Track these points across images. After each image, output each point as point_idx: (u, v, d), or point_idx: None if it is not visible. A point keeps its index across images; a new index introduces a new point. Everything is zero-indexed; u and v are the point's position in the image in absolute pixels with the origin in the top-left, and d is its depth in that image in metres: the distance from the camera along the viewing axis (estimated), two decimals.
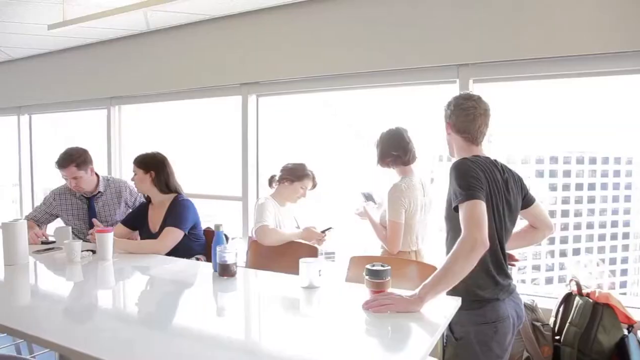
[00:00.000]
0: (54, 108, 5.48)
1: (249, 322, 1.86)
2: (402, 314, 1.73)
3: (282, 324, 1.78)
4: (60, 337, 1.58)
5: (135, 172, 2.98)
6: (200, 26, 4.13)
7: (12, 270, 2.45)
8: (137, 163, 3.00)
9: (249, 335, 1.73)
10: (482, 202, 1.75)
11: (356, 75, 3.48)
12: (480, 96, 2.03)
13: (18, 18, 4.10)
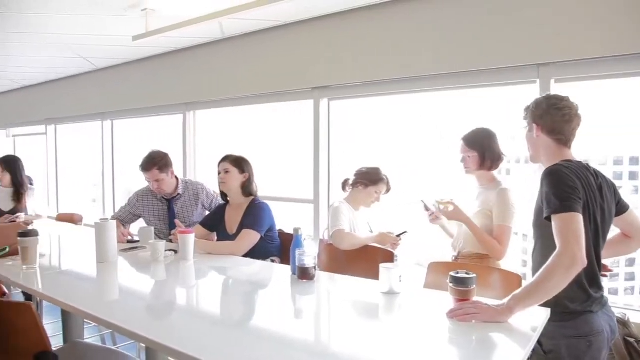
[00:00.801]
0: (134, 114, 5.78)
1: (328, 327, 1.86)
2: (488, 324, 1.67)
3: (362, 330, 1.77)
4: (145, 330, 1.67)
5: (229, 170, 3.01)
6: (273, 32, 4.21)
7: (103, 267, 2.60)
8: (234, 162, 3.04)
9: (328, 340, 1.73)
10: (579, 214, 1.67)
11: (429, 78, 3.41)
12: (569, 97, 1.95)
13: (104, 31, 4.36)
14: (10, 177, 4.21)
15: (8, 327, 1.81)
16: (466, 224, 2.62)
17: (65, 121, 6.99)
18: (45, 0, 3.61)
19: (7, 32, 4.47)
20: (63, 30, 4.38)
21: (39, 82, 7.14)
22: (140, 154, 3.45)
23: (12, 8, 3.78)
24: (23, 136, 8.19)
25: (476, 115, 3.64)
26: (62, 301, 2.04)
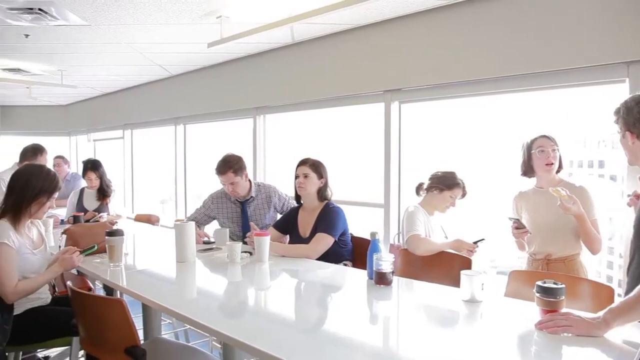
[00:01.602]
0: (205, 118, 5.96)
1: (406, 334, 1.81)
2: (582, 338, 1.57)
3: (442, 338, 1.72)
4: (224, 327, 1.73)
5: (308, 174, 3.02)
6: (343, 36, 4.21)
7: (182, 267, 2.68)
8: (313, 167, 3.05)
9: (406, 348, 1.67)
10: None
11: (508, 79, 3.28)
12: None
13: (180, 39, 4.52)
14: (97, 179, 4.46)
15: (102, 322, 1.90)
16: (579, 218, 2.54)
17: (141, 126, 7.33)
18: (129, 14, 3.80)
19: (94, 44, 4.74)
20: (141, 40, 4.60)
21: (117, 89, 7.54)
22: (211, 157, 3.54)
23: (101, 22, 4.01)
24: (102, 140, 8.66)
25: (554, 116, 3.49)
26: (147, 298, 2.13)
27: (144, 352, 1.84)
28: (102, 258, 2.74)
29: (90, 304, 1.92)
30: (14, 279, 2.32)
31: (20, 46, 4.87)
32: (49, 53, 5.17)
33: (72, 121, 9.13)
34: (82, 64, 5.71)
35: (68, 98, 8.66)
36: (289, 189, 3.71)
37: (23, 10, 3.74)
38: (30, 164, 2.64)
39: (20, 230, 2.46)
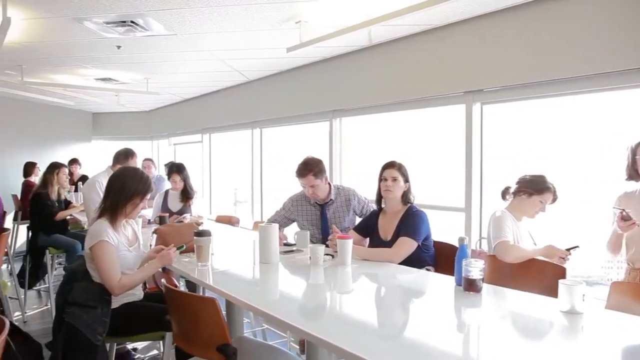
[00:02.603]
0: (282, 122, 6.07)
1: (498, 344, 1.70)
2: None
3: (539, 351, 1.63)
4: (309, 327, 1.75)
5: (396, 177, 3.00)
6: (421, 37, 4.14)
7: (266, 268, 2.73)
8: (400, 170, 3.03)
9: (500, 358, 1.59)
10: None
11: (598, 77, 3.06)
12: None
13: (259, 45, 4.63)
14: (181, 181, 4.65)
15: (195, 319, 1.97)
16: None
17: (219, 130, 7.58)
18: (212, 22, 3.94)
19: (178, 52, 4.97)
20: (222, 47, 4.76)
21: (197, 95, 7.85)
22: (286, 160, 3.58)
23: (186, 31, 4.19)
24: (182, 144, 9.06)
25: None
26: (236, 297, 2.18)
27: (234, 350, 1.88)
28: (190, 257, 2.84)
29: (185, 301, 1.99)
30: (118, 273, 2.46)
31: (112, 57, 5.19)
32: (137, 62, 5.48)
33: (154, 126, 9.62)
34: (166, 71, 6.00)
35: (151, 104, 9.14)
36: (365, 191, 3.70)
37: (117, 24, 3.98)
38: (126, 167, 2.81)
39: (117, 228, 2.61)
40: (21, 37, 4.33)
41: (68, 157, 7.72)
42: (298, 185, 3.63)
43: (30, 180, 6.92)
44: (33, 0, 3.47)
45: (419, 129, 4.71)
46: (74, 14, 3.76)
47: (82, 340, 2.37)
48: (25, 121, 8.40)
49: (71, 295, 2.50)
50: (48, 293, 5.21)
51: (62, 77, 6.28)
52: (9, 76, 5.86)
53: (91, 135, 9.88)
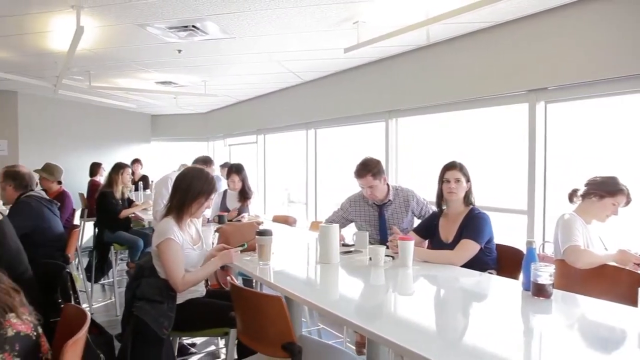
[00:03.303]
0: (337, 122, 6.08)
1: (574, 354, 1.62)
2: None
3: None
4: (373, 326, 1.76)
5: (459, 179, 2.93)
6: (481, 34, 4.05)
7: (326, 268, 2.74)
8: (462, 171, 2.97)
9: None
10: None
11: None
12: None
13: (315, 46, 4.66)
14: (240, 181, 4.74)
15: (260, 316, 2.00)
16: None
17: (273, 131, 7.69)
18: (270, 25, 4.00)
19: (236, 55, 5.07)
20: (279, 49, 4.82)
21: (252, 97, 7.99)
22: (340, 160, 3.57)
23: (244, 34, 4.28)
24: (237, 145, 9.25)
25: None
26: (297, 294, 2.20)
27: (300, 349, 1.90)
28: (252, 256, 2.89)
29: (251, 299, 2.03)
30: (182, 270, 2.54)
31: (172, 61, 5.37)
32: (196, 65, 5.64)
33: (210, 127, 9.87)
34: (223, 74, 6.15)
35: (207, 106, 9.38)
36: (422, 193, 3.65)
37: (179, 28, 4.11)
38: (192, 167, 2.90)
39: (182, 227, 2.68)
40: (90, 45, 4.54)
41: (129, 157, 8.04)
42: (353, 186, 3.62)
43: (96, 180, 7.25)
44: (103, 9, 3.64)
45: (477, 129, 4.60)
46: (139, 21, 3.92)
47: (150, 333, 2.45)
48: (90, 124, 8.82)
49: (139, 290, 2.59)
50: (112, 287, 5.43)
51: (125, 81, 6.55)
52: (78, 81, 6.17)
53: (150, 136, 10.26)
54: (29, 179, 3.58)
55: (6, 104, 7.51)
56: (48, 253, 3.27)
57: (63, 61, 4.73)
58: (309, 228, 4.57)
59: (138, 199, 6.23)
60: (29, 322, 1.52)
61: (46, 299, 2.58)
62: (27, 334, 1.48)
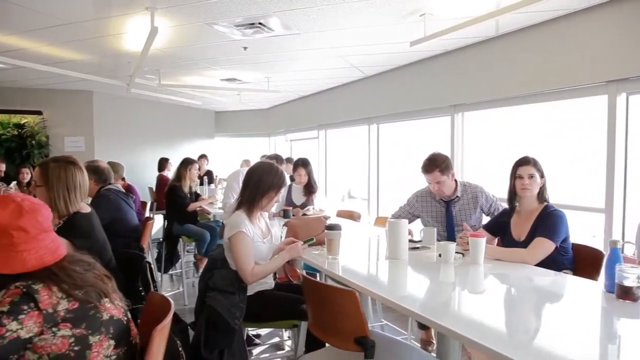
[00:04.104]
0: (400, 117, 6.02)
1: None
2: None
3: None
4: (446, 322, 1.76)
5: (533, 174, 2.83)
6: (555, 23, 3.88)
7: (395, 264, 2.72)
8: (536, 166, 2.85)
9: None
10: None
11: None
12: None
13: (379, 40, 4.63)
14: (305, 175, 4.81)
15: (333, 310, 2.02)
16: None
17: (335, 126, 7.71)
18: (336, 20, 4.01)
19: (299, 51, 5.12)
20: (343, 44, 4.82)
21: (313, 92, 8.05)
22: (404, 156, 3.52)
23: (309, 30, 4.31)
24: (298, 140, 9.35)
25: None
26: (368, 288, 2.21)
27: (373, 343, 1.90)
28: (320, 250, 2.92)
29: (324, 292, 2.04)
30: (251, 263, 2.61)
31: (238, 58, 5.49)
32: (260, 62, 5.74)
33: (271, 123, 10.03)
34: (286, 70, 6.22)
35: (269, 102, 9.54)
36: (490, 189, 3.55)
37: (246, 26, 4.20)
38: (262, 162, 2.95)
39: (253, 220, 2.75)
40: (162, 44, 4.73)
41: (194, 152, 8.31)
42: (416, 182, 3.57)
43: (164, 175, 7.55)
44: (175, 9, 3.77)
45: (551, 123, 4.41)
46: (207, 20, 4.03)
47: (222, 323, 2.53)
48: (159, 120, 9.21)
49: (212, 281, 2.68)
50: (180, 278, 5.64)
51: (192, 78, 6.77)
52: (149, 80, 6.44)
53: (214, 132, 10.56)
54: (108, 173, 3.77)
55: (83, 103, 7.96)
56: (125, 244, 3.43)
57: (136, 61, 4.96)
58: (373, 223, 4.55)
59: (203, 193, 6.43)
60: (121, 307, 1.61)
61: (127, 287, 2.71)
62: (119, 318, 1.57)
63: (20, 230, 1.47)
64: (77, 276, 1.51)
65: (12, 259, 1.45)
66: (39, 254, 1.49)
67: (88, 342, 1.44)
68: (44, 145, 7.67)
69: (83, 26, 4.28)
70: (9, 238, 1.45)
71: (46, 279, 1.44)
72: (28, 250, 1.47)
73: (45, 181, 2.47)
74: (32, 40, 4.72)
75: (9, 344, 1.31)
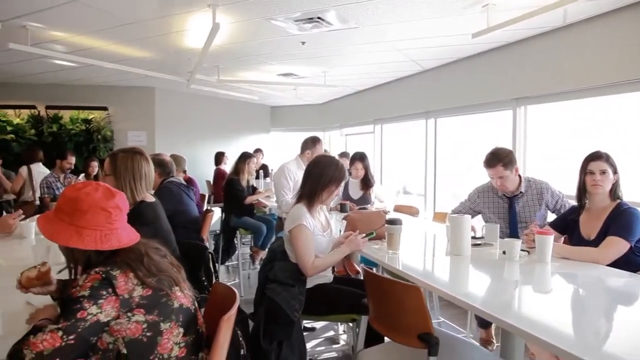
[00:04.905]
0: (459, 111, 5.88)
1: None
2: None
3: None
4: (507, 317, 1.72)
5: (605, 170, 2.68)
6: (629, 10, 3.65)
7: (457, 260, 2.66)
8: (610, 161, 2.71)
9: None
10: None
11: None
12: None
13: (441, 32, 4.53)
14: (363, 169, 4.81)
15: (396, 305, 2.00)
16: None
17: (391, 120, 7.63)
18: (396, 13, 3.96)
19: (357, 45, 5.10)
20: (402, 37, 4.75)
21: (369, 86, 8.00)
22: (462, 151, 3.42)
23: (367, 24, 4.28)
24: (353, 135, 9.32)
25: None
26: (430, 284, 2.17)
27: (437, 340, 1.87)
28: (379, 244, 2.90)
29: (387, 287, 2.03)
30: (312, 255, 2.63)
31: (295, 53, 5.53)
32: (318, 57, 5.76)
33: (326, 118, 10.05)
34: (343, 64, 6.21)
35: (324, 97, 9.56)
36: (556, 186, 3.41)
37: (304, 21, 4.22)
38: (323, 155, 2.97)
39: (313, 214, 2.76)
40: (221, 40, 4.82)
41: (250, 147, 8.46)
42: (475, 177, 3.47)
43: (221, 168, 7.72)
44: (236, 6, 3.84)
45: (624, 116, 4.17)
46: (267, 15, 4.08)
47: (281, 314, 2.55)
48: (216, 115, 9.44)
49: (272, 273, 2.71)
50: (236, 269, 5.76)
51: (250, 74, 6.89)
52: (208, 76, 6.60)
53: (269, 127, 10.71)
54: (171, 166, 3.90)
55: (145, 99, 8.28)
56: (186, 235, 3.54)
57: (197, 57, 5.09)
58: (432, 219, 4.48)
59: (259, 186, 6.54)
60: (189, 297, 1.66)
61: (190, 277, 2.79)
62: (188, 307, 1.62)
63: (116, 208, 1.57)
64: (152, 264, 1.57)
65: (109, 236, 1.54)
66: (127, 232, 1.59)
67: (159, 328, 1.50)
68: (109, 139, 8.04)
69: (147, 25, 4.43)
70: (107, 216, 1.54)
71: (124, 266, 1.51)
72: (120, 228, 1.58)
73: (113, 170, 2.58)
74: (100, 40, 4.95)
75: (90, 327, 1.38)
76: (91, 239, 1.51)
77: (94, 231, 1.52)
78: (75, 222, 1.52)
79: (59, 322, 1.36)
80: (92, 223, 1.53)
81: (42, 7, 3.94)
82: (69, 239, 1.51)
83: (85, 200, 1.54)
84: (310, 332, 4.11)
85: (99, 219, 1.53)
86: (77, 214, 1.53)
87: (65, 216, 1.54)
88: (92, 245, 1.51)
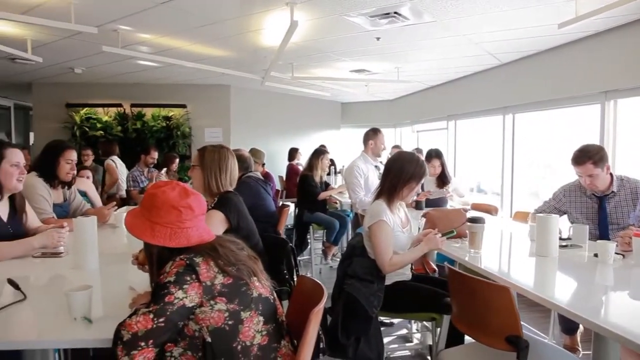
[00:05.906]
0: (540, 106, 5.62)
1: None
2: None
3: None
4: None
5: None
6: None
7: (543, 261, 2.56)
8: None
9: None
10: None
11: None
12: None
13: (523, 23, 4.35)
14: (439, 166, 4.74)
15: (483, 305, 1.95)
16: None
17: (466, 116, 7.43)
18: (474, 5, 3.84)
19: (433, 39, 5.00)
20: (480, 29, 4.61)
21: (442, 82, 7.83)
22: (541, 148, 3.25)
23: (445, 17, 4.18)
24: (425, 131, 9.17)
25: None
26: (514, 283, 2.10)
27: (527, 344, 1.81)
28: (460, 243, 2.84)
29: (474, 287, 1.98)
30: (390, 252, 2.61)
31: (369, 49, 5.51)
32: (392, 52, 5.71)
33: (397, 114, 9.95)
34: (417, 59, 6.12)
35: (395, 93, 9.46)
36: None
37: (380, 16, 4.19)
38: (402, 151, 2.94)
39: (392, 210, 2.75)
40: (297, 38, 4.89)
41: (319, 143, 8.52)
42: (558, 177, 3.30)
43: (294, 164, 7.84)
44: (313, 3, 3.88)
45: None
46: (343, 11, 4.09)
47: (360, 310, 2.56)
48: (289, 112, 9.61)
49: (350, 268, 2.72)
50: (308, 264, 5.83)
51: (322, 70, 6.94)
52: (283, 73, 6.72)
53: (340, 123, 10.75)
54: (249, 161, 4.01)
55: (221, 96, 8.57)
56: (263, 229, 3.62)
57: (273, 55, 5.20)
58: (512, 218, 4.33)
59: (331, 182, 6.58)
60: (267, 287, 1.71)
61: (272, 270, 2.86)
62: (267, 297, 1.66)
63: (188, 208, 1.63)
64: (231, 254, 1.64)
65: (178, 234, 1.61)
66: (199, 232, 1.65)
67: (240, 317, 1.55)
68: (187, 135, 8.40)
69: (226, 24, 4.58)
70: (178, 214, 1.61)
71: (205, 254, 1.58)
72: (192, 227, 1.63)
73: (201, 162, 2.70)
74: (181, 40, 5.18)
75: (177, 311, 1.46)
76: (161, 234, 1.59)
77: (165, 227, 1.60)
78: (151, 218, 1.62)
79: (150, 306, 1.45)
80: (164, 220, 1.60)
81: (132, 12, 4.17)
82: (143, 232, 1.61)
83: (161, 197, 1.62)
84: (388, 327, 4.08)
85: (170, 216, 1.61)
86: (152, 210, 1.62)
87: (145, 211, 1.64)
88: (161, 242, 1.59)
